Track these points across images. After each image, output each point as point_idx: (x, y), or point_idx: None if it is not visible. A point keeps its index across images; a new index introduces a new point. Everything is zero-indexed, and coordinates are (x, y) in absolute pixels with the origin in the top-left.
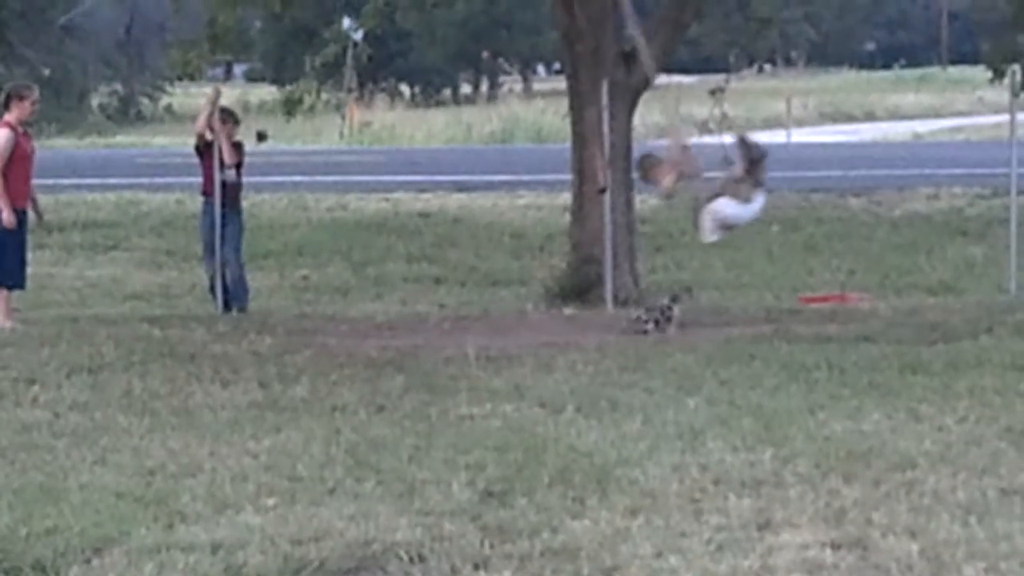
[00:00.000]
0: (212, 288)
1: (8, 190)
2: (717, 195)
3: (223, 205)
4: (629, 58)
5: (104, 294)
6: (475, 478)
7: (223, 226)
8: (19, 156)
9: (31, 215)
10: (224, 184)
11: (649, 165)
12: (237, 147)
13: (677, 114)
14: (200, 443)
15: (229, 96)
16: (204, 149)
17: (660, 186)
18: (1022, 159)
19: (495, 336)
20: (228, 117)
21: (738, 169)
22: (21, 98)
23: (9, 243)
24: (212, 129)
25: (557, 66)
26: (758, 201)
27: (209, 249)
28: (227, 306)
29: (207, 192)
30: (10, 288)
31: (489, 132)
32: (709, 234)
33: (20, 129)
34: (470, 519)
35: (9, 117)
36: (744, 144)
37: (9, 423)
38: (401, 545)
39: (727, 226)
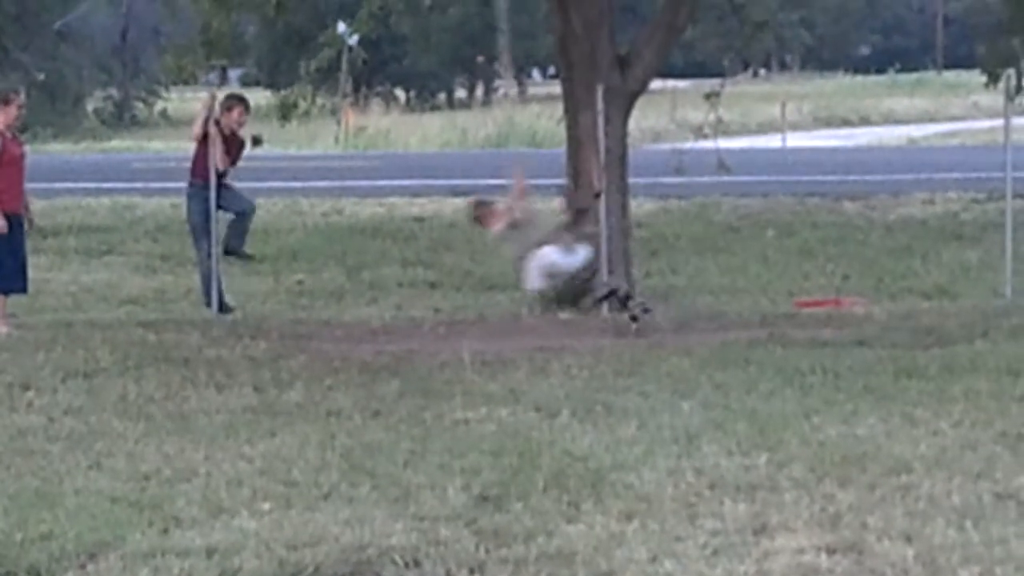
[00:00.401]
0: (207, 288)
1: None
2: (543, 243)
3: (219, 187)
4: (624, 63)
5: (99, 299)
6: (470, 483)
7: (225, 193)
8: (8, 161)
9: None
10: (219, 173)
11: (481, 211)
12: (237, 144)
13: (519, 176)
14: (195, 448)
15: None
16: (202, 139)
17: (492, 230)
18: (1017, 163)
19: (490, 340)
20: (238, 103)
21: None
22: (7, 103)
23: (2, 248)
24: (208, 132)
25: (552, 70)
26: (582, 252)
27: (203, 234)
28: (221, 308)
29: (202, 177)
30: (6, 293)
31: (484, 136)
32: (534, 281)
33: (8, 134)
34: (465, 524)
35: None
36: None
37: (4, 428)
38: (396, 550)
39: (552, 274)
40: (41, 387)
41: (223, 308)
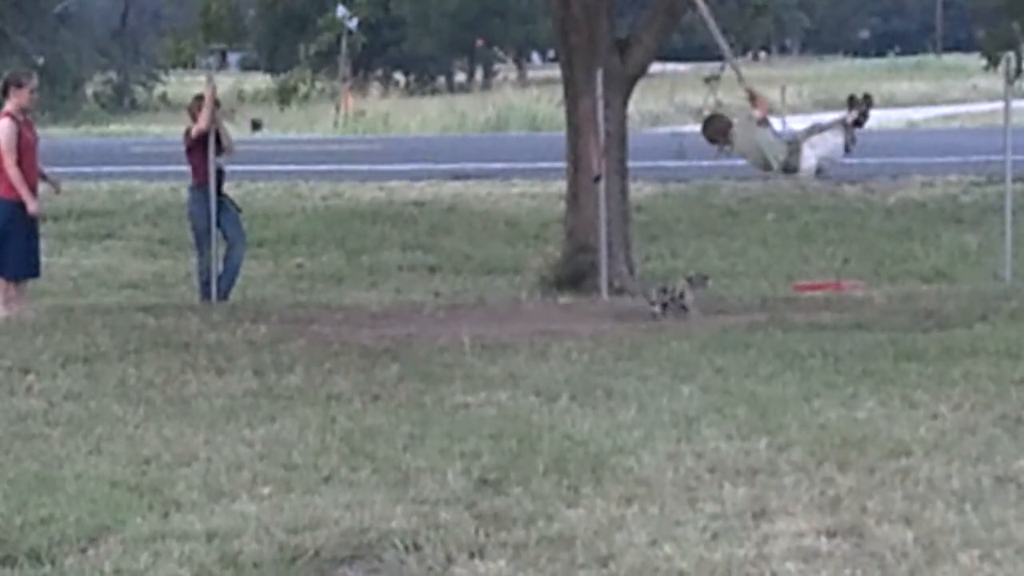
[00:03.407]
0: (206, 284)
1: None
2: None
3: (219, 193)
4: (623, 47)
5: (99, 283)
6: (470, 466)
7: (224, 211)
8: (23, 145)
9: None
10: (219, 171)
11: (718, 126)
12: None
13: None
14: (195, 432)
15: (224, 84)
16: (196, 140)
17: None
18: (1016, 146)
19: (490, 324)
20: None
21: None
22: (20, 85)
23: (12, 233)
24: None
25: (552, 54)
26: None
27: (205, 236)
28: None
29: (202, 183)
30: (17, 279)
31: (484, 120)
32: (812, 162)
33: (20, 117)
34: (465, 507)
35: (9, 106)
36: (852, 101)
37: (4, 412)
38: (396, 533)
39: (826, 158)
40: (41, 371)
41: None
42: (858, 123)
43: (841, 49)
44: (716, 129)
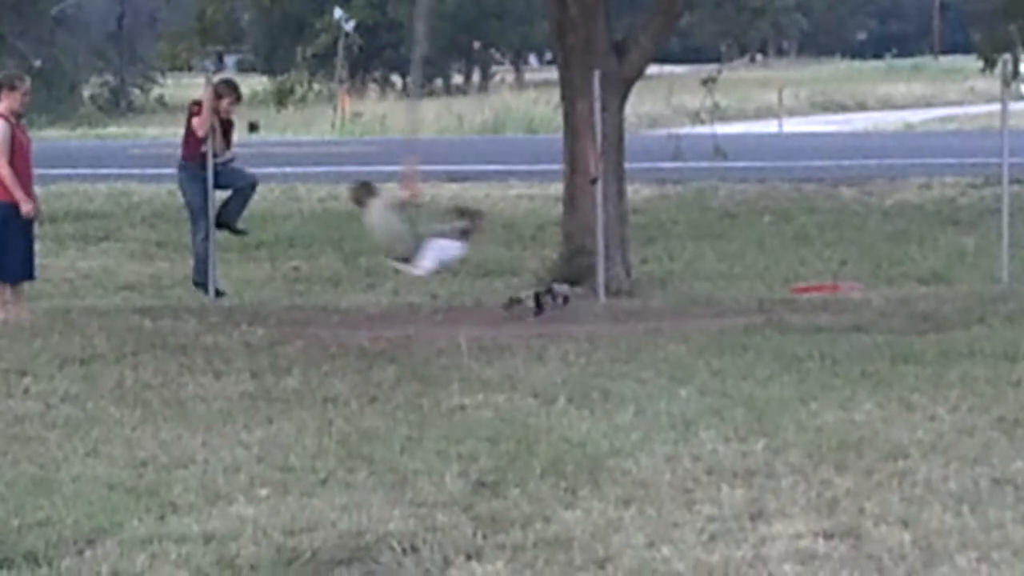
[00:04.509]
0: (201, 263)
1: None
2: (438, 234)
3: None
4: (620, 49)
5: (96, 285)
6: (467, 469)
7: (223, 174)
8: (15, 146)
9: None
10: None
11: (362, 193)
12: (230, 125)
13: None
14: (192, 434)
15: None
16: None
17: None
18: (1014, 148)
19: (487, 327)
20: (230, 91)
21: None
22: (12, 88)
23: (8, 236)
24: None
25: (549, 56)
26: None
27: (202, 215)
28: (217, 292)
29: (199, 159)
30: (13, 281)
31: (481, 122)
32: (428, 264)
33: (13, 120)
34: (462, 510)
35: (1, 108)
36: (462, 212)
37: (1, 415)
38: (393, 536)
39: (444, 263)
40: (38, 374)
41: (217, 292)
42: (466, 232)
43: (838, 51)
44: (362, 195)
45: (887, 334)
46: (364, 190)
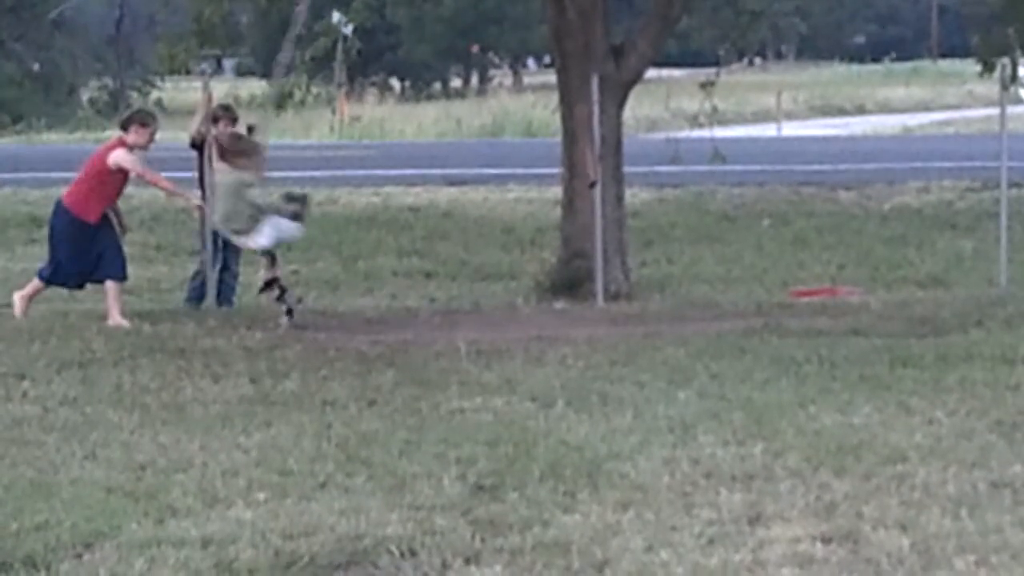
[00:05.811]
0: (202, 285)
1: (107, 196)
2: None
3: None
4: (619, 53)
5: (94, 289)
6: (466, 472)
7: (229, 246)
8: (117, 174)
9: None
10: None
11: (243, 147)
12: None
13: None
14: (190, 438)
15: (219, 90)
16: (201, 145)
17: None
18: (1012, 152)
19: (486, 330)
20: (224, 113)
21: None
22: (144, 124)
23: (105, 240)
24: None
25: (547, 59)
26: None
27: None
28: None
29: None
30: (120, 280)
31: (479, 126)
32: (264, 240)
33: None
34: (461, 513)
35: (127, 138)
36: (291, 198)
37: None
38: (392, 539)
39: (280, 240)
40: (36, 377)
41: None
42: (298, 216)
43: (837, 55)
44: (241, 148)
45: (886, 338)
46: (248, 145)
